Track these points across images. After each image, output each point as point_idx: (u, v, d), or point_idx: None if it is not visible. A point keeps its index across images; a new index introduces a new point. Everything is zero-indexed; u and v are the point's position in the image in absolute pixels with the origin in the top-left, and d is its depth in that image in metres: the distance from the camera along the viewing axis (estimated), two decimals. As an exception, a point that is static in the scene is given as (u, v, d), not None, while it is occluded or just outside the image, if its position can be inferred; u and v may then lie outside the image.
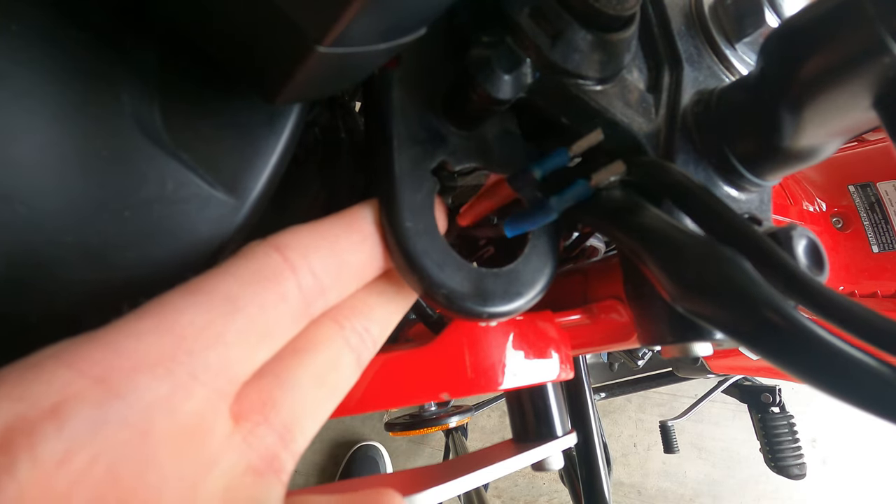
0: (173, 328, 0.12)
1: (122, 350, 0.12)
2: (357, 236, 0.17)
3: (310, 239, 0.15)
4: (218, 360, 0.13)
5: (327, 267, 0.15)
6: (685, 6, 0.23)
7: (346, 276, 0.16)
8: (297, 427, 0.15)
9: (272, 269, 0.14)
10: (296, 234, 0.15)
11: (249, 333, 0.13)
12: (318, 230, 0.16)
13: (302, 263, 0.15)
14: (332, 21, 0.12)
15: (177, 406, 0.12)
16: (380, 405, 0.23)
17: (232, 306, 0.13)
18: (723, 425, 1.44)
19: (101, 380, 0.11)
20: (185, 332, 0.12)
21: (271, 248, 0.15)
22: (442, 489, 0.22)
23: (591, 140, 0.18)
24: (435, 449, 1.36)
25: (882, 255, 0.55)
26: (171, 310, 0.13)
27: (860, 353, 0.13)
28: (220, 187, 0.16)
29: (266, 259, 0.14)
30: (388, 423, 0.80)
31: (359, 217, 0.17)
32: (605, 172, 0.18)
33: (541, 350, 0.25)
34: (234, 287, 0.14)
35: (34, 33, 0.14)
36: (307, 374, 0.15)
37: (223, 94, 0.17)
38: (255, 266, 0.14)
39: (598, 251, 0.35)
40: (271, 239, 0.15)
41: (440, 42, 0.20)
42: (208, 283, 0.14)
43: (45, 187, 0.14)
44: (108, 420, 0.11)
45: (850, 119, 0.17)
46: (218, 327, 0.13)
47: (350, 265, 0.16)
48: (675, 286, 0.16)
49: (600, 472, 0.55)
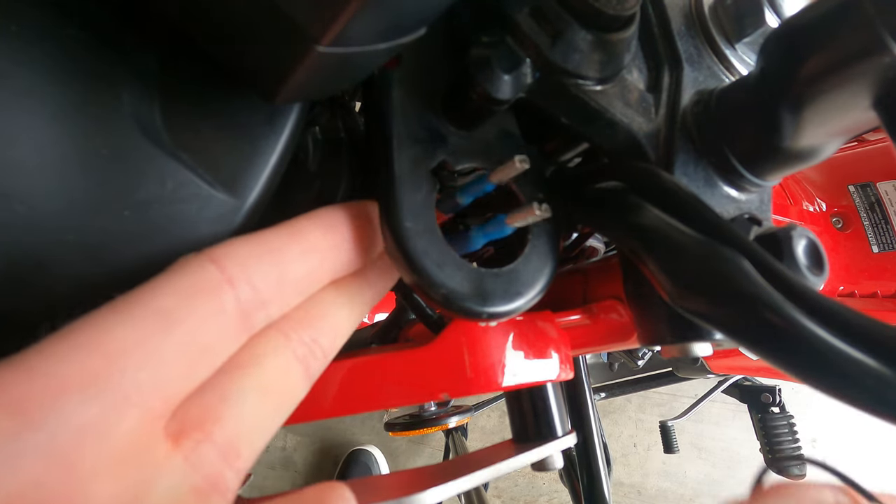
0: (101, 347, 0.12)
1: (42, 373, 0.11)
2: (300, 247, 0.16)
3: (249, 250, 0.15)
4: (152, 379, 0.12)
5: (267, 278, 0.15)
6: (685, 6, 0.23)
7: (288, 287, 0.16)
8: (243, 443, 0.14)
9: (208, 281, 0.14)
10: (234, 245, 0.15)
11: (186, 349, 0.13)
12: (258, 241, 0.15)
13: (240, 275, 0.14)
14: (331, 20, 0.12)
15: (108, 430, 0.11)
16: (380, 405, 0.23)
17: (166, 321, 0.13)
18: (723, 425, 1.44)
19: (13, 408, 0.10)
20: (115, 350, 0.12)
21: (207, 260, 0.14)
22: (442, 489, 0.22)
23: (508, 170, 0.18)
24: (435, 449, 1.36)
25: (882, 255, 0.55)
26: (97, 328, 0.12)
27: (859, 352, 0.13)
28: (220, 187, 0.16)
29: (201, 272, 0.14)
30: (387, 423, 0.80)
31: (304, 227, 0.17)
32: (520, 215, 0.18)
33: (541, 350, 0.25)
34: (168, 301, 0.13)
35: (34, 33, 0.14)
36: (251, 388, 0.15)
37: (223, 93, 0.17)
38: (190, 279, 0.14)
39: (597, 251, 0.35)
40: (207, 251, 0.14)
41: (440, 42, 0.20)
42: (139, 299, 0.13)
43: (45, 187, 0.14)
44: (23, 453, 0.10)
45: (850, 119, 0.17)
46: (151, 344, 0.12)
47: (293, 277, 0.16)
48: (674, 286, 0.16)
49: (600, 472, 0.55)
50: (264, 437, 0.15)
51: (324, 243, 0.17)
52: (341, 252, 0.17)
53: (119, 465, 0.11)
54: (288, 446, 1.34)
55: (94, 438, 0.11)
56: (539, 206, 0.18)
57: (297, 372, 0.16)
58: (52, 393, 0.11)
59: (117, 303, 0.13)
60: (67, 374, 0.11)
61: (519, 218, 0.19)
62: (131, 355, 0.12)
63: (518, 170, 0.18)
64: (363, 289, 0.19)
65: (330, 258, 0.17)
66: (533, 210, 0.18)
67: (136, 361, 0.12)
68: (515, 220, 0.19)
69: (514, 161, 0.18)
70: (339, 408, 0.23)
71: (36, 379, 0.11)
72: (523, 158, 0.18)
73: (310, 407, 0.23)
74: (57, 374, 0.11)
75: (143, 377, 0.12)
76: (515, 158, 0.18)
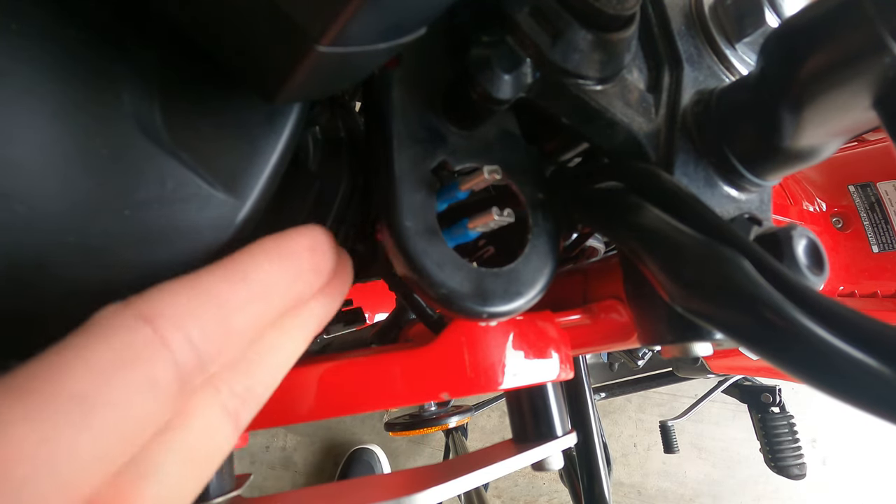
0: (6, 448, 0.10)
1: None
2: (246, 292, 0.14)
3: (187, 300, 0.13)
4: (67, 478, 0.10)
5: (209, 335, 0.13)
6: (685, 6, 0.23)
7: (232, 341, 0.14)
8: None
9: (139, 347, 0.12)
10: (168, 294, 0.13)
11: (108, 438, 0.11)
12: (196, 287, 0.13)
13: (177, 336, 0.12)
14: (331, 20, 0.12)
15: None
16: (380, 405, 0.23)
17: (83, 407, 0.11)
18: (723, 425, 1.44)
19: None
20: (20, 451, 0.10)
21: (136, 318, 0.12)
22: (442, 489, 0.22)
23: (477, 179, 0.18)
24: (435, 449, 1.36)
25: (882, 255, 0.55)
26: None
27: (859, 352, 0.13)
28: (220, 187, 0.16)
29: (131, 334, 0.12)
30: (387, 423, 0.80)
31: (247, 266, 0.14)
32: (479, 219, 0.18)
33: (541, 350, 0.25)
34: (85, 383, 0.11)
35: (34, 31, 0.14)
36: (174, 460, 0.13)
37: (223, 93, 0.17)
38: (113, 347, 0.11)
39: (597, 251, 0.35)
40: (135, 303, 0.12)
41: (440, 42, 0.20)
42: (49, 378, 0.11)
43: (45, 186, 0.14)
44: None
45: (850, 119, 0.17)
46: (65, 439, 0.10)
47: (238, 328, 0.14)
48: (674, 286, 0.16)
49: (600, 472, 0.55)
50: (189, 499, 0.14)
51: (272, 282, 0.15)
52: (290, 289, 0.15)
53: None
54: (288, 446, 1.34)
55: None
56: (489, 170, 0.18)
57: (225, 429, 0.15)
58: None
59: (17, 383, 0.11)
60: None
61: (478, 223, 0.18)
62: (37, 456, 0.10)
63: (488, 180, 0.18)
64: (307, 321, 0.17)
65: (277, 298, 0.15)
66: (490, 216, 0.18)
67: (46, 461, 0.10)
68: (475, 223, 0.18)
69: (485, 171, 0.18)
70: (339, 408, 0.23)
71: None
72: (493, 169, 0.18)
73: (310, 407, 0.23)
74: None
75: (57, 479, 0.10)
76: (485, 169, 0.18)
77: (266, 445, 1.34)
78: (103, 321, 0.12)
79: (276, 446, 1.34)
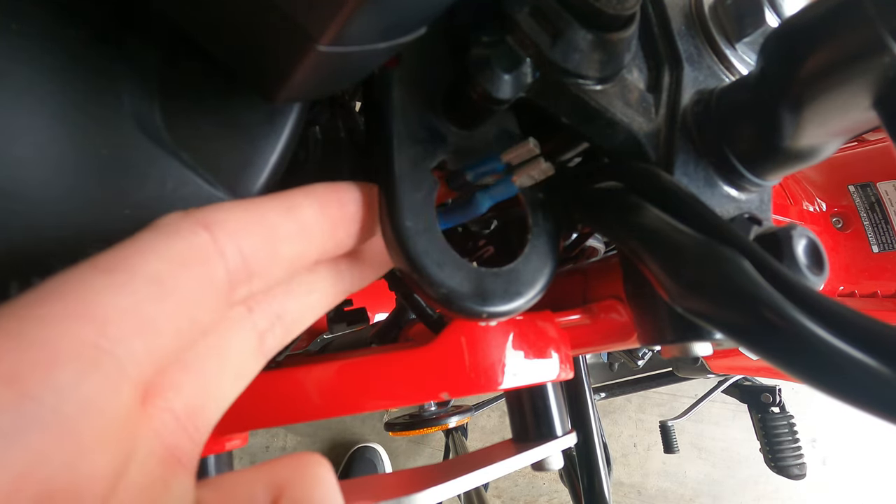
0: (94, 312, 0.11)
1: (34, 342, 0.10)
2: (295, 224, 0.15)
3: (243, 219, 0.14)
4: (145, 350, 0.11)
5: (258, 253, 0.14)
6: (685, 6, 0.23)
7: (277, 266, 0.15)
8: (199, 415, 0.14)
9: (200, 248, 0.13)
10: (227, 211, 0.14)
11: (178, 320, 0.12)
12: (251, 210, 0.14)
13: (231, 246, 0.13)
14: (331, 20, 0.12)
15: (108, 403, 0.11)
16: (380, 405, 0.23)
17: (159, 289, 0.12)
18: (723, 425, 1.44)
19: (11, 379, 0.09)
20: (108, 317, 0.11)
21: (199, 226, 0.13)
22: (442, 489, 0.22)
23: (521, 151, 0.18)
24: (435, 449, 1.36)
25: (882, 255, 0.55)
26: (85, 291, 0.11)
27: (859, 352, 0.13)
28: (221, 186, 0.16)
29: (193, 237, 0.13)
30: (387, 423, 0.80)
31: (300, 203, 0.15)
32: (524, 172, 0.18)
33: (541, 350, 0.25)
34: (160, 267, 0.12)
35: (35, 31, 0.14)
36: (213, 361, 0.14)
37: (223, 92, 0.17)
38: (180, 244, 0.12)
39: (597, 251, 0.35)
40: (196, 214, 0.13)
41: (440, 41, 0.20)
42: (128, 261, 0.12)
43: (45, 186, 0.14)
44: (25, 426, 0.09)
45: (850, 119, 0.17)
46: (146, 312, 0.11)
47: (284, 255, 0.15)
48: (674, 286, 0.16)
49: (600, 472, 0.55)
50: (219, 412, 0.15)
51: (319, 223, 0.16)
52: (335, 234, 0.16)
53: (113, 437, 0.11)
54: (288, 446, 1.34)
55: (95, 412, 0.10)
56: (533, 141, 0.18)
57: (253, 347, 0.16)
58: (46, 363, 0.10)
59: (101, 262, 0.12)
60: (61, 344, 0.10)
61: (524, 175, 0.18)
62: (125, 323, 0.11)
63: (530, 153, 0.18)
64: (344, 275, 0.18)
65: (322, 239, 0.16)
66: (538, 165, 0.18)
67: (131, 330, 0.11)
68: (522, 178, 0.18)
69: (529, 144, 0.18)
70: (339, 408, 0.23)
71: (29, 348, 0.10)
72: (537, 143, 0.18)
73: (311, 407, 0.23)
74: (50, 344, 0.10)
75: (138, 347, 0.11)
76: (529, 140, 0.18)
77: (266, 445, 1.34)
78: (166, 224, 0.13)
79: (276, 446, 1.34)
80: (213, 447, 0.25)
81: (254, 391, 0.22)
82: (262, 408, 0.23)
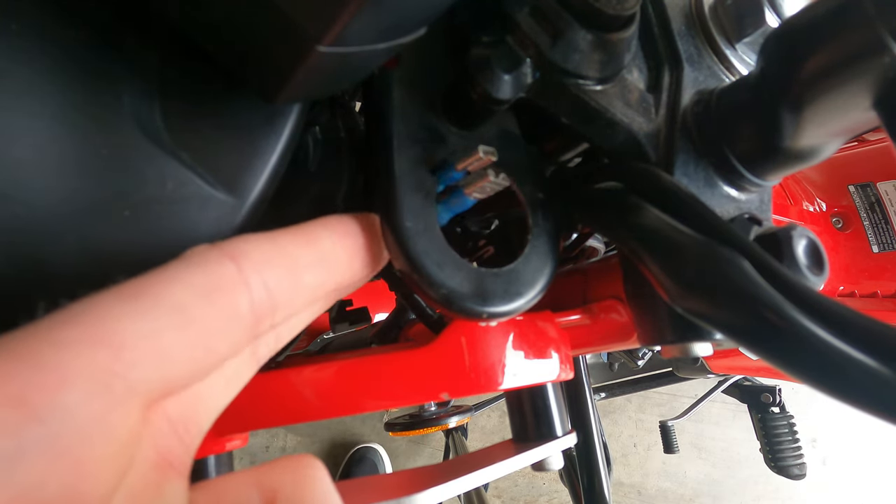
0: (111, 338, 0.11)
1: (45, 363, 0.10)
2: (315, 255, 0.16)
3: (265, 251, 0.14)
4: (159, 376, 0.11)
5: (282, 284, 0.14)
6: (685, 6, 0.23)
7: (299, 297, 0.15)
8: (192, 421, 0.14)
9: (226, 279, 0.13)
10: (252, 243, 0.14)
11: (196, 349, 0.12)
12: (273, 242, 0.15)
13: (256, 277, 0.14)
14: (331, 20, 0.12)
15: (113, 425, 0.11)
16: (380, 405, 0.23)
17: (181, 317, 0.12)
18: (723, 425, 1.44)
19: (17, 400, 0.09)
20: (126, 342, 0.11)
21: (225, 257, 0.13)
22: (442, 489, 0.22)
23: (471, 160, 0.18)
24: (435, 449, 1.36)
25: (882, 255, 0.55)
26: (106, 315, 0.11)
27: (859, 352, 0.13)
28: (220, 187, 0.16)
29: (219, 268, 0.13)
30: (387, 423, 0.80)
31: (319, 234, 0.16)
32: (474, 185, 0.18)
33: (541, 350, 0.25)
34: (185, 296, 0.12)
35: (34, 32, 0.14)
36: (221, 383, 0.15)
37: (223, 93, 0.17)
38: (207, 274, 0.13)
39: (597, 251, 0.35)
40: (223, 246, 0.14)
41: (440, 42, 0.20)
42: (153, 289, 0.12)
43: (45, 186, 0.14)
44: (25, 450, 0.09)
45: (850, 119, 0.17)
46: (164, 339, 0.11)
47: (307, 284, 0.15)
48: (674, 286, 0.16)
49: (600, 472, 0.55)
50: (210, 418, 0.15)
51: (336, 254, 0.16)
52: (352, 264, 0.17)
53: (116, 454, 0.11)
54: (288, 446, 1.34)
55: (100, 433, 0.10)
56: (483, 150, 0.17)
57: (245, 354, 0.16)
58: (55, 386, 0.10)
59: (126, 289, 0.12)
60: (73, 367, 0.10)
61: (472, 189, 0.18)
62: (141, 349, 0.11)
63: (482, 162, 0.18)
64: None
65: (341, 269, 0.17)
66: (477, 153, 0.18)
67: (146, 356, 0.11)
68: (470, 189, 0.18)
69: (477, 151, 0.18)
70: (339, 408, 0.23)
71: (40, 371, 0.10)
72: (489, 150, 0.18)
73: (311, 407, 0.23)
74: (62, 367, 0.10)
75: (151, 373, 0.11)
76: (479, 149, 0.18)
77: (266, 445, 1.34)
78: (195, 255, 0.13)
79: (276, 446, 1.34)
80: (213, 447, 0.25)
81: (254, 391, 0.22)
82: (262, 408, 0.23)
